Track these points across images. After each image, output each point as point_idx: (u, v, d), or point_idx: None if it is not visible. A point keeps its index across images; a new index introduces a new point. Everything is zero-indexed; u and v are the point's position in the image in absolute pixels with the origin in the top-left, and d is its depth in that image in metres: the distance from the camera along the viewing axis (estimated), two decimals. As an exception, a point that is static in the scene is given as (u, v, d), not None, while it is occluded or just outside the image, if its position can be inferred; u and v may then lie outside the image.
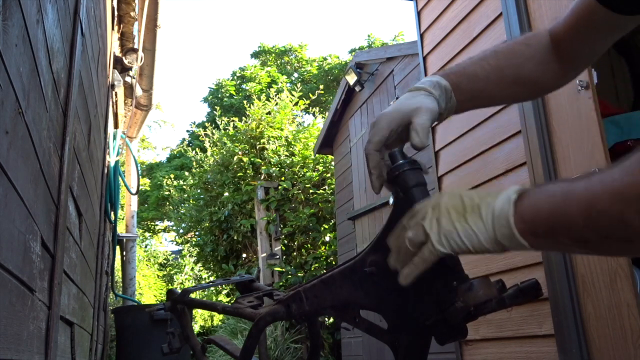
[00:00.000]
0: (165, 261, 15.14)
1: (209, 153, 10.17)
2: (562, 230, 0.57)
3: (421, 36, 3.31)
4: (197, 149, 11.84)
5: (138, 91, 5.24)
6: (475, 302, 0.68)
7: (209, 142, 10.30)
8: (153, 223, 18.76)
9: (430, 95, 0.83)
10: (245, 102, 14.19)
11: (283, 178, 8.46)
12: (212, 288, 10.17)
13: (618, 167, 0.53)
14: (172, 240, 16.69)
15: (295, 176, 8.47)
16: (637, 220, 0.50)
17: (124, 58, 4.50)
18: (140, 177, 6.76)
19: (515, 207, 0.61)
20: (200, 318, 11.15)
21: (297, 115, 11.47)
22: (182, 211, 11.61)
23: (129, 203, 6.11)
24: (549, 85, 0.94)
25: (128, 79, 4.76)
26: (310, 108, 13.89)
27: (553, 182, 0.62)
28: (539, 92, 0.97)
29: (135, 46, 4.66)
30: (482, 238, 0.63)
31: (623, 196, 0.51)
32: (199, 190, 10.49)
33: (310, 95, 13.01)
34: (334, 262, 7.78)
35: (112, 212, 4.54)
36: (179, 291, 1.45)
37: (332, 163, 7.67)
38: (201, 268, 11.88)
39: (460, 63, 0.89)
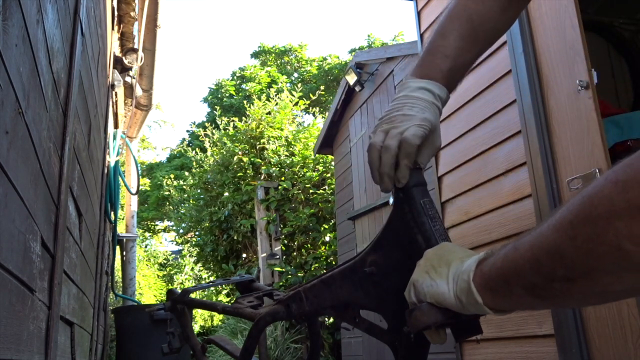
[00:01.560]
0: (165, 261, 15.14)
1: (209, 153, 10.18)
2: (513, 278, 0.56)
3: (421, 36, 3.31)
4: (197, 149, 11.84)
5: (138, 91, 5.24)
6: (416, 329, 0.67)
7: (209, 142, 10.30)
8: (153, 223, 18.75)
9: (437, 109, 0.84)
10: (245, 102, 14.19)
11: (283, 178, 8.46)
12: (212, 288, 10.17)
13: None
14: (172, 240, 16.71)
15: (295, 176, 8.47)
16: (571, 249, 0.48)
17: (124, 58, 4.50)
18: (140, 177, 6.76)
19: (477, 263, 0.62)
20: (200, 318, 11.14)
21: (297, 115, 11.47)
22: (182, 211, 11.61)
23: (129, 203, 6.11)
24: (510, 26, 0.95)
25: (128, 79, 4.76)
26: (310, 108, 13.90)
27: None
28: (502, 35, 0.96)
29: (135, 46, 4.66)
30: (441, 290, 0.64)
31: (560, 224, 0.49)
32: (199, 190, 10.49)
33: (311, 95, 13.02)
34: (334, 262, 7.78)
35: (112, 212, 4.54)
36: (179, 291, 1.45)
37: (332, 163, 7.67)
38: (201, 268, 11.88)
39: (448, 50, 0.86)
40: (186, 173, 12.76)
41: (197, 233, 10.93)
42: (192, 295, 1.45)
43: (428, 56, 0.87)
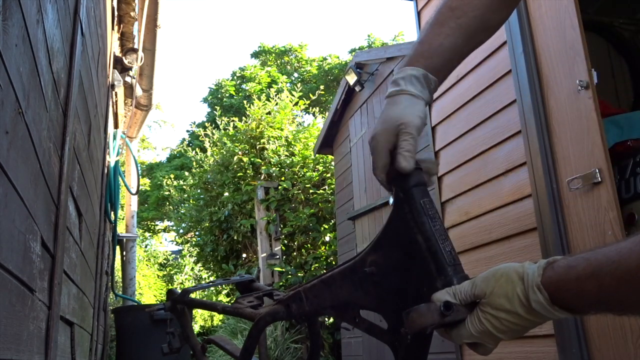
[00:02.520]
0: (165, 261, 15.14)
1: (209, 153, 10.18)
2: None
3: (421, 36, 3.31)
4: (197, 149, 11.84)
5: (138, 91, 5.24)
6: (413, 330, 0.68)
7: (209, 142, 10.30)
8: (153, 223, 18.75)
9: (410, 95, 0.83)
10: (245, 102, 14.19)
11: (283, 178, 8.46)
12: (212, 288, 10.18)
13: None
14: (172, 240, 16.70)
15: (295, 176, 8.47)
16: None
17: (124, 58, 4.50)
18: (140, 177, 6.76)
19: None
20: (200, 318, 11.14)
21: (297, 115, 11.47)
22: (182, 211, 11.61)
23: (129, 203, 6.11)
24: (503, 22, 0.95)
25: (128, 79, 4.76)
26: (310, 108, 13.89)
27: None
28: (495, 31, 0.96)
29: (135, 46, 4.66)
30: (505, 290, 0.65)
31: None
32: (199, 190, 10.49)
33: (311, 95, 13.02)
34: (334, 262, 7.78)
35: (112, 212, 4.54)
36: (179, 291, 1.45)
37: (332, 163, 7.67)
38: (201, 268, 11.88)
39: (424, 38, 0.89)
40: (186, 173, 12.75)
41: (197, 233, 10.93)
42: (192, 295, 1.45)
43: (409, 51, 0.90)
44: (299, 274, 7.64)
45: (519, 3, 0.97)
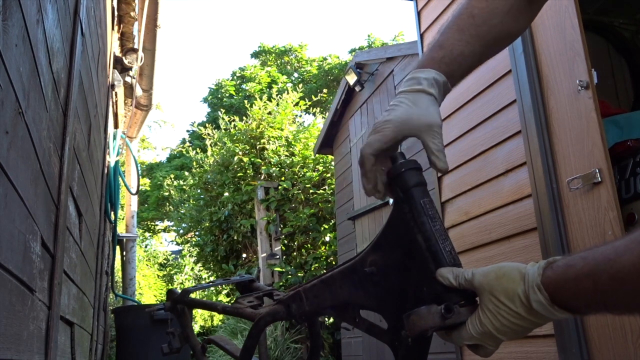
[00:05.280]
0: (165, 261, 15.15)
1: (209, 153, 10.18)
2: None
3: (421, 36, 3.31)
4: (197, 149, 11.84)
5: (138, 91, 5.24)
6: (414, 333, 0.67)
7: (210, 141, 10.30)
8: (153, 223, 18.75)
9: (432, 97, 0.81)
10: (245, 102, 14.19)
11: (283, 178, 8.46)
12: (212, 288, 10.18)
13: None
14: (172, 240, 16.72)
15: (295, 176, 8.47)
16: None
17: (124, 58, 4.50)
18: (140, 177, 6.77)
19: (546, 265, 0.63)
20: (200, 318, 11.15)
21: (297, 116, 11.47)
22: (182, 211, 11.61)
23: (129, 203, 6.11)
24: (522, 31, 0.94)
25: (128, 79, 4.76)
26: (311, 108, 13.90)
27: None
28: (513, 40, 0.95)
29: (135, 46, 4.66)
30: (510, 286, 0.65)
31: None
32: (199, 191, 10.49)
33: (313, 97, 13.02)
34: (334, 262, 7.78)
35: (112, 212, 4.54)
36: (179, 291, 1.45)
37: (332, 163, 7.67)
38: (201, 268, 11.89)
39: (444, 43, 0.86)
40: (186, 173, 12.76)
41: (197, 233, 10.93)
42: (192, 295, 1.45)
43: (426, 51, 0.88)
44: (299, 274, 7.64)
45: (538, 13, 0.95)
